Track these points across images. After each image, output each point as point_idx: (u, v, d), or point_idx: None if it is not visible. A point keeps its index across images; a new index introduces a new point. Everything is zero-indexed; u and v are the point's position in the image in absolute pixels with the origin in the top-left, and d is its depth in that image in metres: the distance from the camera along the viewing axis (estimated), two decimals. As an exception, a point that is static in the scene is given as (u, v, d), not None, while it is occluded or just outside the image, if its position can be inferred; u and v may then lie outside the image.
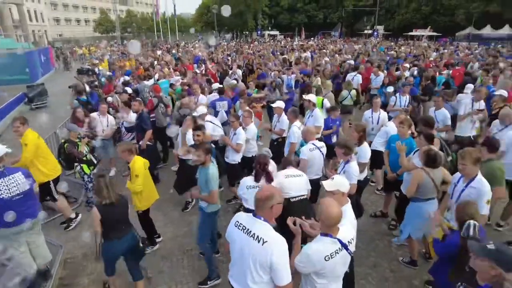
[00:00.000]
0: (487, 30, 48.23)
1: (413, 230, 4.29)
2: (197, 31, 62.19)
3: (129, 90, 9.15)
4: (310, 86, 9.65)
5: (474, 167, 3.52)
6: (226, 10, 11.06)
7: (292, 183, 4.04)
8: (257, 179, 3.92)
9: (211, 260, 4.32)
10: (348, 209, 3.10)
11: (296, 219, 2.77)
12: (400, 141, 4.88)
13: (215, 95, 8.05)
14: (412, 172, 4.21)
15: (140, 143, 6.51)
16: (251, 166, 4.24)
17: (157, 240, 5.18)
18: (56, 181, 5.45)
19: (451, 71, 11.61)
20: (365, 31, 58.67)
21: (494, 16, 50.53)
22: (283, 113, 6.22)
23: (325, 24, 65.28)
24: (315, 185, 4.60)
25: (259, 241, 2.37)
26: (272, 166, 4.19)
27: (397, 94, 8.05)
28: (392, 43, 37.52)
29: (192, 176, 4.40)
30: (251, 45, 33.63)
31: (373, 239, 5.27)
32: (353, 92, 9.10)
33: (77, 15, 78.27)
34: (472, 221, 2.89)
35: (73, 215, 5.71)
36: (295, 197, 4.01)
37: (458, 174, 3.81)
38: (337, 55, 18.50)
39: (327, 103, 7.53)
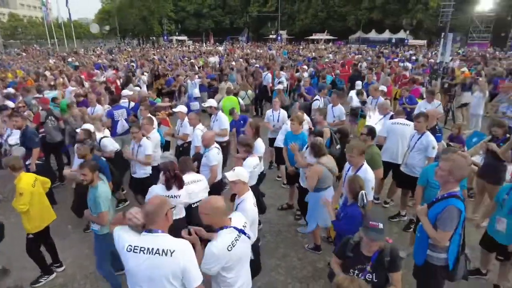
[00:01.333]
0: (373, 34, 55.06)
1: (320, 219, 4.58)
2: (98, 37, 57.77)
3: (10, 104, 8.02)
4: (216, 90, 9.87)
5: (360, 158, 3.96)
6: (94, 28, 10.58)
7: (191, 189, 4.02)
8: (168, 186, 3.73)
9: (115, 284, 4.04)
10: (248, 197, 3.29)
11: (190, 229, 2.74)
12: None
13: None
14: (310, 168, 4.54)
15: (27, 162, 5.76)
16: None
17: (58, 270, 4.64)
18: None
19: (339, 71, 12.84)
20: (270, 36, 61.66)
21: (377, 22, 58.00)
22: (186, 118, 6.14)
23: (232, 29, 66.89)
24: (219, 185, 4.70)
25: (166, 254, 2.24)
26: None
27: (318, 97, 8.33)
28: (301, 47, 40.11)
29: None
30: (157, 50, 32.53)
31: (281, 231, 5.54)
32: (250, 92, 9.56)
33: None
34: (362, 191, 3.34)
35: None
36: (196, 203, 4.02)
37: (348, 165, 4.23)
38: (241, 60, 19.01)
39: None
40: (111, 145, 5.72)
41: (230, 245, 2.50)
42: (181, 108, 6.23)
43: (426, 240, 3.00)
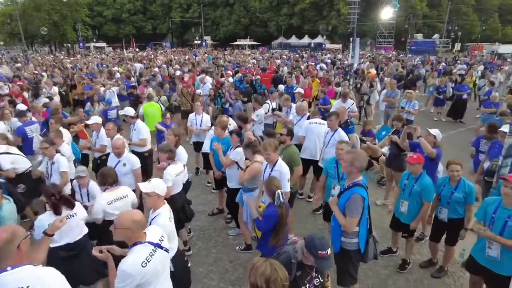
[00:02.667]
0: (294, 39, 58.10)
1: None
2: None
3: None
4: (140, 98, 9.46)
5: (275, 154, 4.16)
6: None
7: (116, 207, 3.80)
8: (57, 212, 3.29)
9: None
10: (163, 212, 3.12)
11: (102, 248, 2.58)
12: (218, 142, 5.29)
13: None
14: (251, 163, 4.59)
15: None
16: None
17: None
18: None
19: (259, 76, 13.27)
20: (195, 42, 61.27)
21: (297, 28, 61.41)
22: (102, 129, 5.79)
23: (155, 35, 64.93)
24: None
25: None
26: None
27: (269, 100, 8.47)
28: (226, 52, 40.39)
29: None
30: (71, 58, 30.05)
31: (212, 236, 5.52)
32: (163, 98, 9.45)
33: None
34: (279, 190, 3.42)
35: None
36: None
37: (265, 162, 4.39)
38: (164, 66, 18.54)
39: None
40: (8, 163, 5.08)
41: (144, 261, 2.40)
42: (95, 120, 5.85)
43: (339, 228, 3.27)
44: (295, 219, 5.66)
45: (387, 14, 52.08)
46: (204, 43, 55.12)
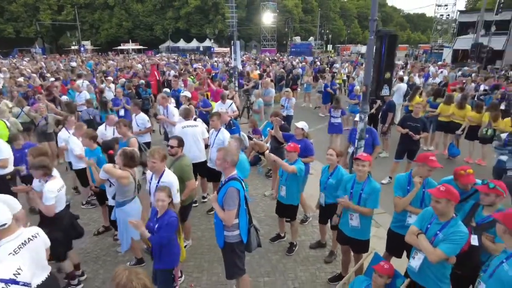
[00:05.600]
0: (182, 43, 57.41)
1: (133, 232, 4.38)
2: None
3: None
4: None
5: (162, 163, 3.96)
6: None
7: None
8: None
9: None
10: (22, 235, 2.74)
11: None
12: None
13: None
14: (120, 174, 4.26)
15: None
16: None
17: None
18: None
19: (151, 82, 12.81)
20: (72, 47, 55.16)
21: (184, 31, 60.87)
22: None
23: (20, 40, 55.90)
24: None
25: None
26: None
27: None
28: (109, 57, 37.25)
29: None
30: None
31: (99, 256, 5.06)
32: (26, 108, 8.46)
33: None
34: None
35: None
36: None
37: (150, 173, 4.19)
38: (34, 75, 16.20)
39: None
40: None
41: None
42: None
43: (221, 223, 3.37)
44: (190, 222, 5.59)
45: (268, 18, 55.88)
46: (83, 48, 50.07)
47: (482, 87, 12.46)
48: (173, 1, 61.41)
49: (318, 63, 26.03)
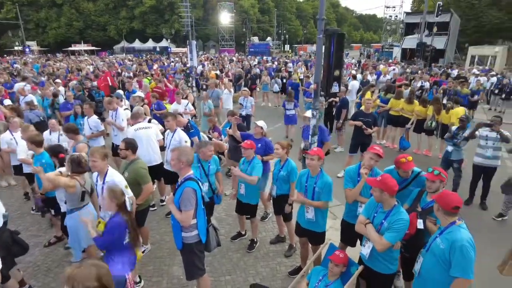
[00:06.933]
0: (137, 43, 55.63)
1: (84, 240, 4.20)
2: None
3: None
4: None
5: (103, 162, 3.84)
6: None
7: None
8: None
9: None
10: None
11: None
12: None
13: None
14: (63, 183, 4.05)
15: None
16: None
17: None
18: None
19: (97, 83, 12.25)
20: (16, 48, 51.26)
21: (139, 31, 59.00)
22: None
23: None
24: None
25: None
26: None
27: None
28: (58, 59, 35.03)
29: None
30: None
31: (50, 269, 4.78)
32: None
33: None
34: (128, 196, 3.28)
35: None
36: None
37: (95, 174, 4.04)
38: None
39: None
40: None
41: None
42: None
43: (178, 224, 3.32)
44: (148, 226, 5.45)
45: (225, 18, 55.76)
46: (28, 50, 46.76)
47: (419, 84, 13.35)
48: (127, 0, 59.28)
49: (276, 63, 26.44)
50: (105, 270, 1.89)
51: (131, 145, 4.50)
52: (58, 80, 12.24)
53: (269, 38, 59.84)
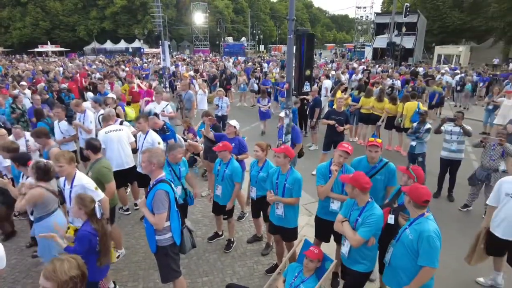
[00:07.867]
0: (109, 44, 54.13)
1: (55, 249, 4.03)
2: None
3: None
4: None
5: (70, 166, 3.67)
6: None
7: None
8: None
9: None
10: None
11: None
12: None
13: None
14: (29, 191, 3.90)
15: None
16: None
17: None
18: None
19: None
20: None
21: (111, 32, 57.47)
22: None
23: None
24: None
25: None
26: None
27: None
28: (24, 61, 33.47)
29: None
30: None
31: (17, 280, 4.58)
32: None
33: None
34: (95, 204, 3.16)
35: None
36: None
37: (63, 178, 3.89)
38: None
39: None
40: None
41: None
42: None
43: (151, 227, 3.27)
44: (122, 231, 5.33)
45: (199, 19, 55.28)
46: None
47: (389, 82, 13.80)
48: (97, 0, 57.57)
49: (251, 63, 26.52)
50: (81, 260, 2.05)
51: (90, 144, 4.46)
52: (23, 83, 11.70)
53: (243, 39, 59.85)
